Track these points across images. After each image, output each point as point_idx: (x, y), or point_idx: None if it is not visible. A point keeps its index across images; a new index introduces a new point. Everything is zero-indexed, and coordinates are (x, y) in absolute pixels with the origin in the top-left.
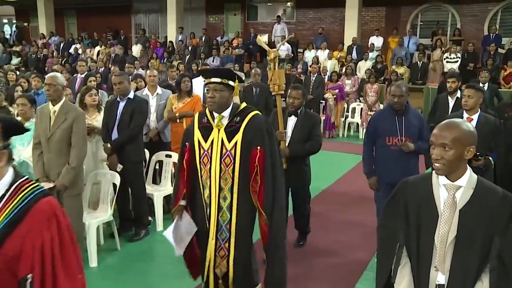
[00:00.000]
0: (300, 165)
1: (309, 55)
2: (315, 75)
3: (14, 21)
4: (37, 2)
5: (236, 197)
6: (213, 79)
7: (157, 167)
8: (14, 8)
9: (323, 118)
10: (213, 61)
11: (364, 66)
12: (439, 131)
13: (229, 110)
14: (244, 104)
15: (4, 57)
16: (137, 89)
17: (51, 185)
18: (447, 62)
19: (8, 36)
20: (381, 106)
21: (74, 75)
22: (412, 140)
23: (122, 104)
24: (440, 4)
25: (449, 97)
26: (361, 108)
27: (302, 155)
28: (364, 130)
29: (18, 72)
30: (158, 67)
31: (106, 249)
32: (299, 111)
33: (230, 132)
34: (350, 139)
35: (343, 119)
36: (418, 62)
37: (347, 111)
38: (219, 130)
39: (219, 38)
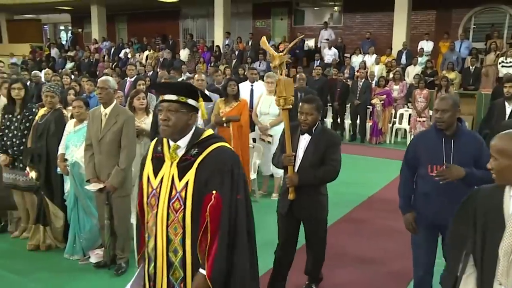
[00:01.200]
0: (313, 195)
1: (356, 60)
2: (362, 80)
3: (70, 28)
4: (91, 9)
5: (190, 250)
6: (168, 96)
7: None
8: (70, 16)
9: (369, 124)
10: (259, 65)
11: (413, 71)
12: (493, 140)
13: (187, 138)
14: (209, 131)
15: (60, 61)
16: None
17: (101, 186)
18: (502, 66)
19: (64, 42)
20: (431, 113)
21: (124, 78)
22: None
23: None
24: (496, 5)
25: (506, 103)
26: (409, 114)
27: (313, 184)
28: (412, 136)
29: (72, 76)
30: (207, 71)
31: None
32: (313, 129)
33: (183, 167)
34: (397, 145)
35: (390, 125)
36: (471, 67)
37: (395, 117)
38: (172, 163)
39: None
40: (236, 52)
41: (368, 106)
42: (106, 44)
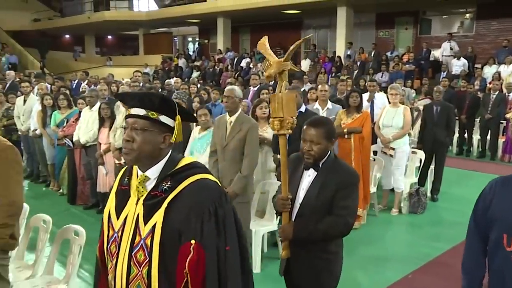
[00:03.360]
0: (316, 252)
1: (488, 70)
2: (496, 93)
3: (197, 39)
4: (217, 21)
5: None
6: (134, 110)
7: None
8: (197, 28)
9: (502, 139)
10: (381, 77)
11: None
12: None
13: (159, 167)
14: (189, 159)
15: (187, 71)
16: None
17: None
18: None
19: (191, 53)
20: None
21: (248, 87)
22: None
23: None
24: None
25: None
26: None
27: (312, 239)
28: None
29: (198, 85)
30: (328, 82)
31: (269, 257)
32: (321, 163)
33: (151, 206)
34: None
35: None
36: None
37: None
38: (138, 200)
39: (388, 53)
40: (358, 63)
41: (501, 121)
42: (230, 54)
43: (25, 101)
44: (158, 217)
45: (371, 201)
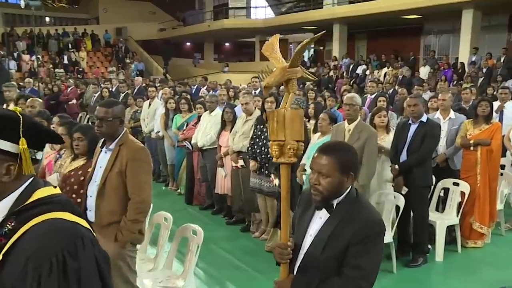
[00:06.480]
0: None
1: None
2: None
3: (312, 46)
4: (333, 28)
5: None
6: None
7: (441, 194)
8: (313, 35)
9: None
10: None
11: None
12: None
13: (7, 203)
14: (46, 191)
15: None
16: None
17: None
18: None
19: (306, 59)
20: None
21: (364, 95)
22: None
23: (413, 127)
24: None
25: None
26: None
27: None
28: None
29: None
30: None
31: (382, 270)
32: (335, 203)
33: None
34: None
35: None
36: None
37: None
38: None
39: None
40: (484, 70)
41: None
42: (345, 61)
43: (150, 104)
44: None
45: (497, 219)
